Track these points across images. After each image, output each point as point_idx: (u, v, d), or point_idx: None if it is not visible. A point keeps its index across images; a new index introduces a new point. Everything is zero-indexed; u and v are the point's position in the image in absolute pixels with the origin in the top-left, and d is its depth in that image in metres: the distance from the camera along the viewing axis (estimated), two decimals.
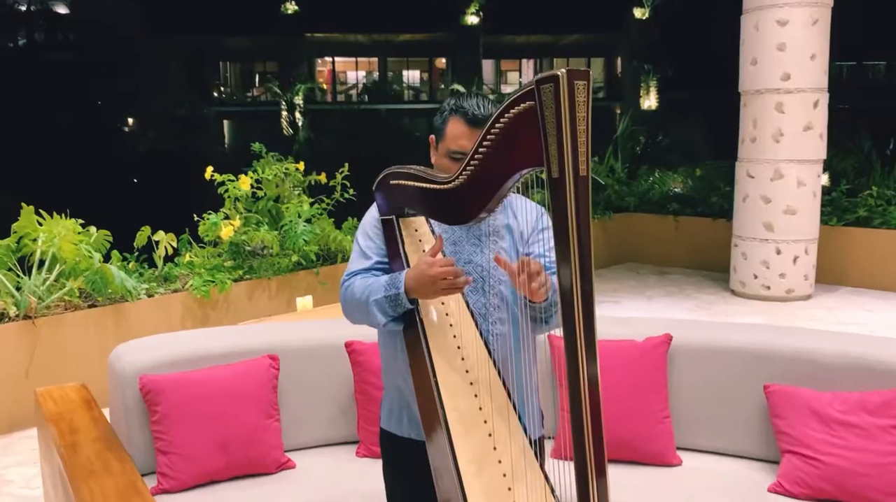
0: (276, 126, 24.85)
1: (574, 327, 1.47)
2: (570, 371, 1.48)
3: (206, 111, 24.94)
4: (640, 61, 23.99)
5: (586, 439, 1.48)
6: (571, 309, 1.46)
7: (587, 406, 1.48)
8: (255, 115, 27.54)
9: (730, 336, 2.90)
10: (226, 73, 30.94)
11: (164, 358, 2.79)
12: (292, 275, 6.06)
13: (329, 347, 2.94)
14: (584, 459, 1.49)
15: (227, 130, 28.56)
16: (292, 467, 2.80)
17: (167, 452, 2.64)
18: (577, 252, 1.45)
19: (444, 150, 1.92)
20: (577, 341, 1.47)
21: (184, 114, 21.95)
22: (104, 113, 21.01)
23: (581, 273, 1.46)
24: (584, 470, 1.49)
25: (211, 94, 28.68)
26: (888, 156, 11.06)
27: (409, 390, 2.01)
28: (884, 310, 7.23)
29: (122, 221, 5.89)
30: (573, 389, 1.49)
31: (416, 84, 31.96)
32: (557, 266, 1.48)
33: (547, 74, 1.43)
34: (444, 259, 1.81)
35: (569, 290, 1.46)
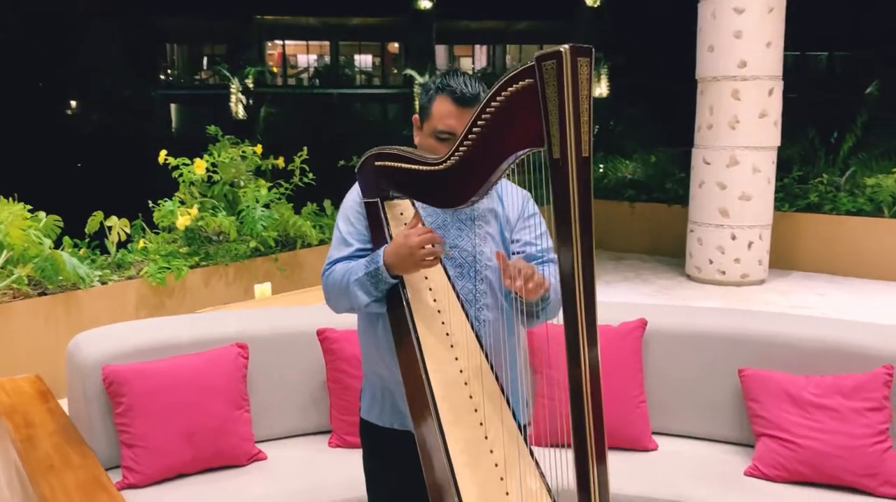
0: (225, 110, 24.37)
1: (575, 312, 1.42)
2: (571, 355, 1.44)
3: (152, 94, 24.36)
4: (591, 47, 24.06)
5: (587, 425, 1.44)
6: (573, 293, 1.42)
7: (588, 391, 1.44)
8: (203, 99, 26.99)
9: (704, 320, 2.90)
10: (173, 56, 30.23)
11: (127, 347, 2.68)
12: (250, 262, 5.93)
13: (300, 335, 2.86)
14: (584, 445, 1.45)
15: (175, 114, 27.92)
16: (263, 459, 2.72)
17: (132, 445, 2.54)
18: (579, 235, 1.41)
19: (430, 130, 1.85)
20: (578, 326, 1.43)
21: (129, 96, 21.37)
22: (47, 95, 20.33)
23: (583, 256, 1.41)
24: (584, 457, 1.45)
25: (157, 76, 27.99)
26: (832, 144, 11.31)
27: (391, 378, 1.95)
28: (834, 293, 7.40)
29: (70, 206, 5.66)
30: (573, 374, 1.44)
31: (368, 68, 31.67)
32: (557, 249, 1.44)
33: (548, 51, 1.38)
34: (421, 228, 1.75)
35: (570, 274, 1.41)
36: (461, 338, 1.80)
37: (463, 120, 1.81)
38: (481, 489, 1.65)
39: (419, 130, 1.92)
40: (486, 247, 1.93)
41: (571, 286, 1.42)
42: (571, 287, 1.42)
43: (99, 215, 5.30)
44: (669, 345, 2.88)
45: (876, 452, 2.47)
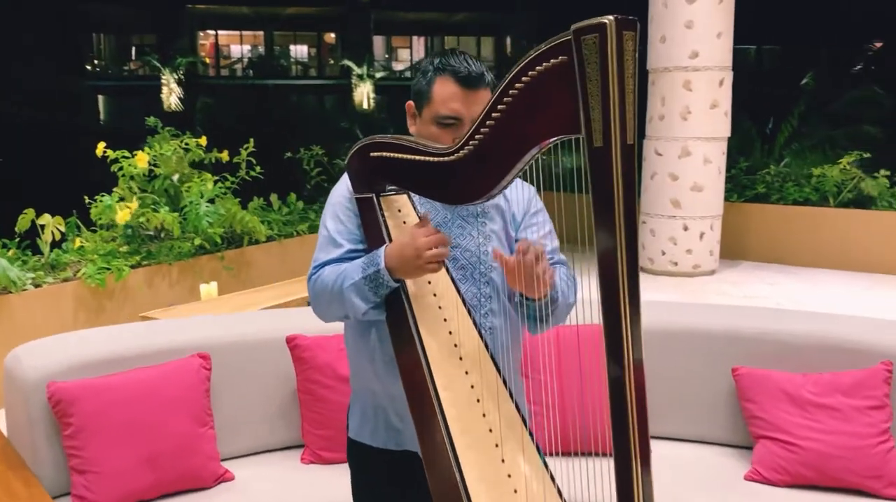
0: (156, 101, 23.57)
1: (619, 311, 1.29)
2: (612, 355, 1.32)
3: (79, 85, 23.41)
4: (529, 41, 24.13)
5: (631, 428, 1.31)
6: (616, 291, 1.28)
7: (632, 392, 1.32)
8: (133, 90, 26.08)
9: (694, 317, 2.78)
10: (100, 46, 29.11)
11: (74, 360, 2.40)
12: (195, 261, 5.61)
13: (267, 342, 2.62)
14: (627, 450, 1.32)
15: (103, 106, 26.91)
16: (231, 479, 2.48)
17: (84, 471, 2.27)
18: (624, 232, 1.25)
19: (431, 116, 1.65)
20: (622, 325, 1.30)
21: (55, 88, 20.46)
22: None
23: (628, 255, 1.26)
24: (627, 462, 1.33)
25: (84, 67, 26.92)
26: (767, 135, 11.51)
27: (385, 394, 1.75)
28: (784, 282, 7.45)
29: None
30: (615, 375, 1.32)
31: (304, 59, 31.07)
32: (598, 245, 1.27)
33: (589, 23, 1.20)
34: (429, 227, 1.57)
35: (614, 273, 1.26)
36: (471, 351, 1.61)
37: (469, 103, 1.62)
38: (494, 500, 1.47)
39: (416, 118, 1.72)
40: (490, 247, 1.74)
41: (614, 282, 1.28)
42: (614, 283, 1.28)
43: (30, 213, 4.92)
44: (658, 343, 2.74)
45: (880, 452, 2.38)
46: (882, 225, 7.72)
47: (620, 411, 1.32)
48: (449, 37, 31.05)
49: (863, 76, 17.96)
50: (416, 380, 1.58)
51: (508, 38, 29.49)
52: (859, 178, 8.02)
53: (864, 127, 11.46)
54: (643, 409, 1.33)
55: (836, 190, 8.14)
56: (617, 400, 1.32)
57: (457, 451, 1.49)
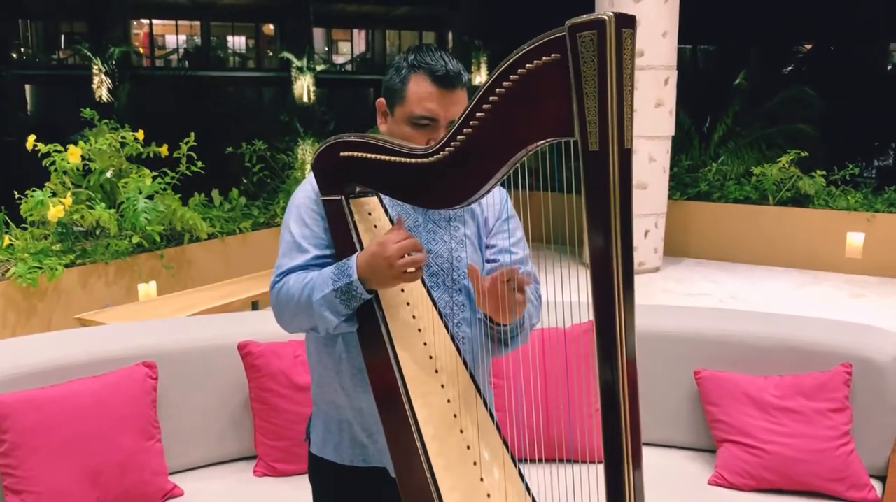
0: (87, 92, 22.76)
1: (615, 330, 1.23)
2: (606, 359, 1.27)
3: (4, 74, 22.43)
4: (471, 36, 24.10)
5: (624, 430, 1.27)
6: (611, 300, 1.23)
7: (626, 395, 1.28)
8: (62, 80, 25.13)
9: (656, 320, 2.75)
10: (26, 33, 27.97)
11: (7, 371, 2.24)
12: (133, 259, 5.38)
13: (217, 349, 2.49)
14: (619, 451, 1.27)
15: (31, 96, 25.89)
16: (180, 494, 2.35)
17: (20, 491, 2.11)
18: (621, 240, 1.20)
19: (404, 116, 1.56)
20: (616, 334, 1.25)
21: None
22: None
23: (623, 261, 1.20)
24: (618, 463, 1.28)
25: (9, 55, 25.82)
26: (704, 133, 11.72)
27: (351, 409, 1.65)
28: (726, 280, 7.57)
29: None
30: (608, 377, 1.28)
31: (242, 50, 30.43)
32: (592, 254, 1.21)
33: (587, 18, 1.13)
34: (399, 233, 1.47)
35: (610, 282, 1.21)
36: (446, 362, 1.53)
37: (445, 103, 1.53)
38: None
39: (387, 116, 1.62)
40: (463, 253, 1.66)
41: (610, 291, 1.23)
42: (610, 292, 1.23)
43: None
44: None
45: (842, 455, 2.38)
46: (818, 222, 7.91)
47: (613, 412, 1.27)
48: (390, 30, 30.81)
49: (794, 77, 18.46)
50: (390, 396, 1.48)
51: (450, 33, 29.42)
52: (797, 177, 8.20)
53: (797, 126, 11.76)
54: (636, 411, 1.30)
55: (775, 188, 8.30)
56: (610, 403, 1.28)
57: (434, 470, 1.40)
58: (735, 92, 12.41)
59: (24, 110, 24.19)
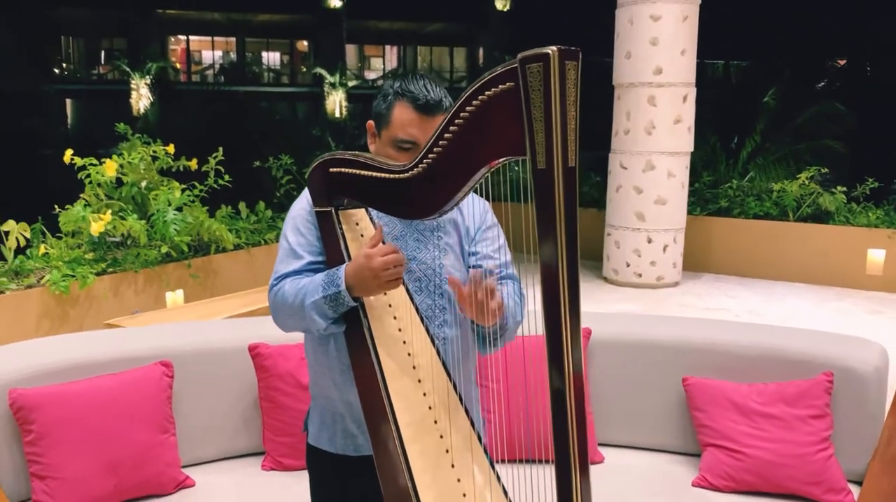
0: (125, 107, 23.36)
1: (560, 323, 1.34)
2: (553, 364, 1.36)
3: (46, 89, 23.11)
4: (501, 52, 24.32)
5: (570, 435, 1.36)
6: (558, 304, 1.34)
7: (572, 402, 1.36)
8: (101, 94, 25.80)
9: (647, 328, 2.87)
10: (68, 49, 28.78)
11: (37, 367, 2.43)
12: (161, 268, 5.61)
13: (229, 350, 2.67)
14: (567, 457, 1.37)
15: (71, 110, 26.60)
16: (191, 485, 2.52)
17: (45, 477, 2.29)
18: (566, 247, 1.32)
19: (389, 139, 1.72)
20: (562, 336, 1.34)
21: (22, 91, 20.18)
22: None
23: (568, 269, 1.33)
24: (567, 470, 1.37)
25: (52, 70, 26.60)
26: (732, 149, 11.73)
27: (342, 402, 1.81)
28: (746, 296, 7.61)
29: None
30: (556, 384, 1.36)
31: (276, 66, 30.99)
32: (542, 259, 1.34)
33: (534, 52, 1.28)
34: (385, 247, 1.62)
35: (556, 285, 1.33)
36: (424, 359, 1.68)
37: (425, 128, 1.69)
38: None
39: (375, 138, 1.78)
40: (446, 260, 1.81)
41: (556, 296, 1.34)
42: (556, 297, 1.34)
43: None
44: (613, 354, 2.83)
45: (820, 460, 2.48)
46: (839, 239, 7.92)
47: (562, 419, 1.37)
48: (422, 46, 31.19)
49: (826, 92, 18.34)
50: (371, 390, 1.64)
51: (481, 49, 29.68)
52: (817, 194, 8.22)
53: (825, 142, 11.73)
54: (582, 418, 1.38)
55: (795, 204, 8.33)
56: (558, 409, 1.37)
57: (409, 458, 1.55)
58: (765, 107, 12.41)
59: (64, 124, 24.85)
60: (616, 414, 2.83)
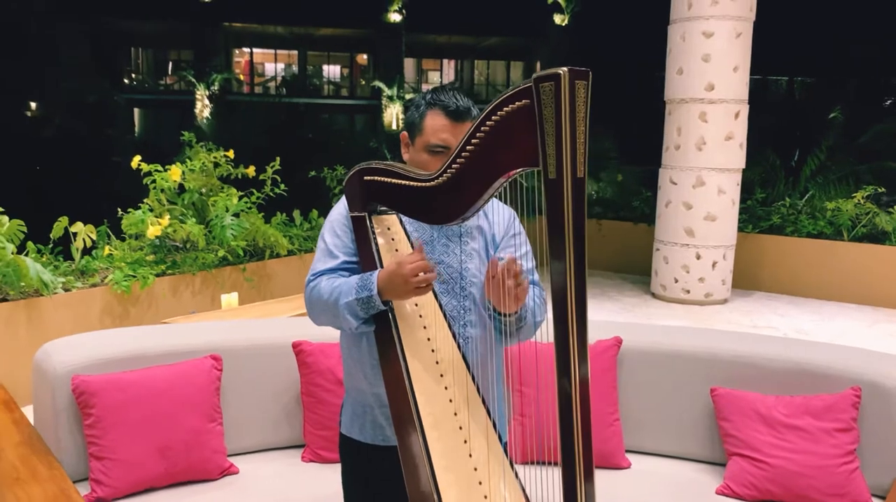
0: (190, 116, 24.10)
1: (567, 329, 1.43)
2: (561, 371, 1.45)
3: (116, 98, 23.99)
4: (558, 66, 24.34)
5: (576, 442, 1.45)
6: (565, 310, 1.42)
7: (578, 408, 1.45)
8: (167, 104, 26.66)
9: (678, 340, 2.93)
10: (138, 60, 29.83)
11: (97, 357, 2.62)
12: (218, 271, 5.86)
13: (275, 347, 2.83)
14: (573, 463, 1.46)
15: (139, 119, 27.54)
16: (235, 473, 2.68)
17: (102, 458, 2.48)
18: (573, 254, 1.42)
19: (423, 145, 1.85)
20: (569, 342, 1.43)
21: (93, 100, 21.01)
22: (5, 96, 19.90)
23: (576, 274, 1.43)
24: (572, 475, 1.46)
25: (122, 80, 27.61)
26: (792, 167, 11.56)
27: (372, 395, 1.94)
28: (795, 315, 7.54)
29: (30, 211, 5.51)
30: (563, 390, 1.45)
31: (336, 79, 31.58)
32: (551, 267, 1.44)
33: (547, 72, 1.39)
34: (415, 254, 1.75)
35: (563, 290, 1.42)
36: (446, 355, 1.80)
37: (456, 133, 1.82)
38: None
39: (409, 146, 1.92)
40: (471, 264, 1.93)
41: (564, 302, 1.42)
42: (564, 303, 1.42)
43: (64, 220, 5.20)
44: (643, 363, 2.90)
45: (844, 472, 2.51)
46: (895, 260, 7.78)
47: (567, 427, 1.44)
48: (479, 60, 31.42)
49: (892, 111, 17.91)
50: (398, 387, 1.76)
51: (538, 63, 29.76)
52: (874, 213, 8.10)
53: (887, 163, 11.47)
54: (588, 426, 1.46)
55: (850, 224, 8.22)
56: (564, 417, 1.45)
57: (429, 449, 1.67)
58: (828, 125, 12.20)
59: (131, 132, 25.72)
60: (644, 421, 2.90)
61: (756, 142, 10.45)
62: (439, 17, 26.44)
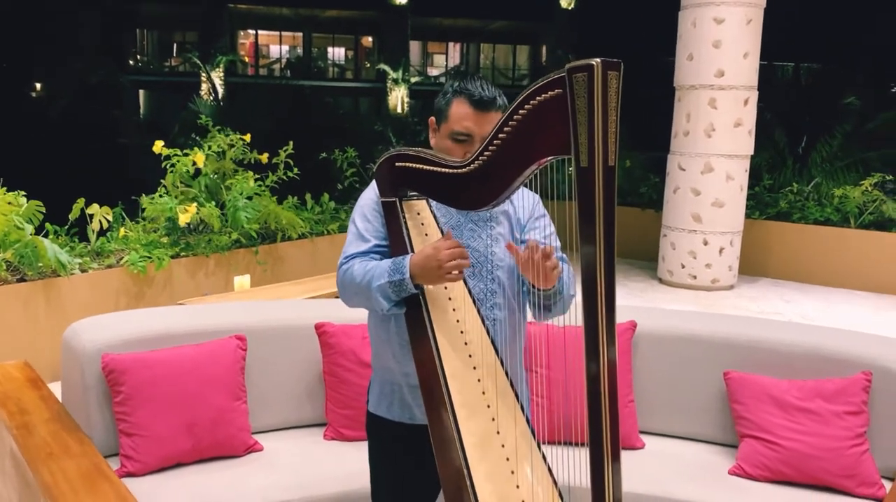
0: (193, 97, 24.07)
1: (596, 312, 1.48)
2: (589, 354, 1.49)
3: (121, 79, 24.00)
4: (564, 51, 24.32)
5: (604, 423, 1.50)
6: (594, 294, 1.47)
7: (606, 390, 1.50)
8: (172, 86, 26.65)
9: (691, 324, 2.99)
10: (143, 41, 29.79)
11: (126, 335, 2.69)
12: (231, 254, 5.92)
13: (298, 328, 2.90)
14: (600, 443, 1.50)
15: (144, 100, 27.54)
16: (260, 450, 2.75)
17: (131, 434, 2.55)
18: (604, 240, 1.47)
19: (447, 131, 1.91)
20: (598, 326, 1.48)
21: (100, 82, 21.03)
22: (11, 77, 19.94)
23: (605, 258, 1.48)
24: (599, 455, 1.51)
25: (127, 62, 27.57)
26: (800, 153, 11.54)
27: (400, 374, 2.00)
28: (800, 300, 7.59)
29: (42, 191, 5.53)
30: (592, 373, 1.50)
31: (341, 61, 31.52)
32: (582, 252, 1.50)
33: (580, 63, 1.44)
34: (451, 241, 1.80)
35: (593, 275, 1.47)
36: (475, 336, 1.86)
37: (479, 122, 1.87)
38: (493, 481, 1.71)
39: (435, 132, 1.97)
40: (497, 248, 1.99)
41: (593, 286, 1.47)
42: (593, 287, 1.47)
43: (80, 202, 5.25)
44: (658, 347, 2.97)
45: (854, 454, 2.58)
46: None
47: (595, 409, 1.49)
48: (485, 44, 31.33)
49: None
50: (428, 367, 1.82)
51: (544, 47, 29.67)
52: (881, 201, 8.13)
53: None
54: (615, 408, 1.50)
55: (857, 211, 8.25)
56: (593, 400, 1.49)
57: (459, 425, 1.73)
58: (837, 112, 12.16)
59: (137, 114, 25.73)
60: (659, 404, 2.96)
61: (764, 128, 10.45)
62: (445, 0, 26.36)
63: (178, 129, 12.98)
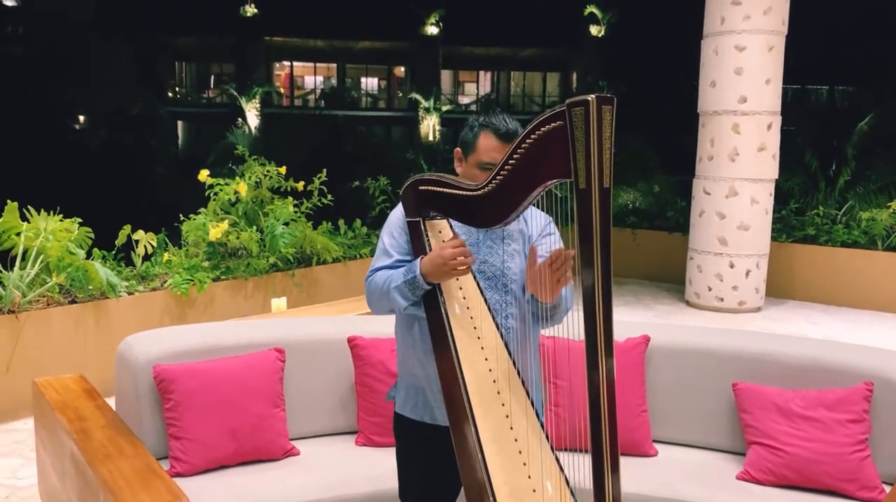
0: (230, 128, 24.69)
1: (595, 325, 1.67)
2: (590, 366, 1.67)
3: (160, 111, 24.71)
4: (594, 77, 24.58)
5: (603, 434, 1.67)
6: (593, 307, 1.66)
7: (605, 402, 1.68)
8: (209, 117, 27.33)
9: (702, 338, 3.16)
10: (181, 74, 30.64)
11: (175, 348, 2.93)
12: (269, 277, 6.19)
13: (332, 342, 3.12)
14: (600, 454, 1.68)
15: (182, 132, 28.28)
16: (297, 454, 2.97)
17: (180, 438, 2.78)
18: (601, 255, 1.67)
19: (475, 162, 2.12)
20: (597, 339, 1.67)
21: (137, 112, 21.70)
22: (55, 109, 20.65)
23: (602, 273, 1.67)
24: (600, 465, 1.68)
25: (166, 93, 28.38)
26: (831, 176, 11.57)
27: (423, 377, 2.20)
28: (827, 323, 7.65)
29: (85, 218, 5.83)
30: (592, 384, 1.67)
31: (374, 91, 32.09)
32: (580, 267, 1.69)
33: (578, 99, 1.65)
34: (454, 240, 2.03)
35: (591, 289, 1.67)
36: (490, 342, 2.06)
37: (504, 153, 2.08)
38: (508, 475, 1.90)
39: (462, 162, 2.19)
40: (512, 263, 2.20)
41: (592, 300, 1.67)
42: (592, 301, 1.67)
43: (127, 228, 5.57)
44: (669, 360, 3.13)
45: (855, 460, 2.72)
46: None
47: (595, 420, 1.66)
48: (515, 72, 31.69)
49: None
50: (447, 363, 2.02)
51: (574, 74, 29.94)
52: None
53: None
54: (614, 418, 1.66)
55: (884, 233, 8.30)
56: (593, 412, 1.66)
57: (475, 420, 1.93)
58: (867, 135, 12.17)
59: (175, 145, 26.41)
60: (670, 414, 3.12)
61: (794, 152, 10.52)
62: (476, 29, 26.79)
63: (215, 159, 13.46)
